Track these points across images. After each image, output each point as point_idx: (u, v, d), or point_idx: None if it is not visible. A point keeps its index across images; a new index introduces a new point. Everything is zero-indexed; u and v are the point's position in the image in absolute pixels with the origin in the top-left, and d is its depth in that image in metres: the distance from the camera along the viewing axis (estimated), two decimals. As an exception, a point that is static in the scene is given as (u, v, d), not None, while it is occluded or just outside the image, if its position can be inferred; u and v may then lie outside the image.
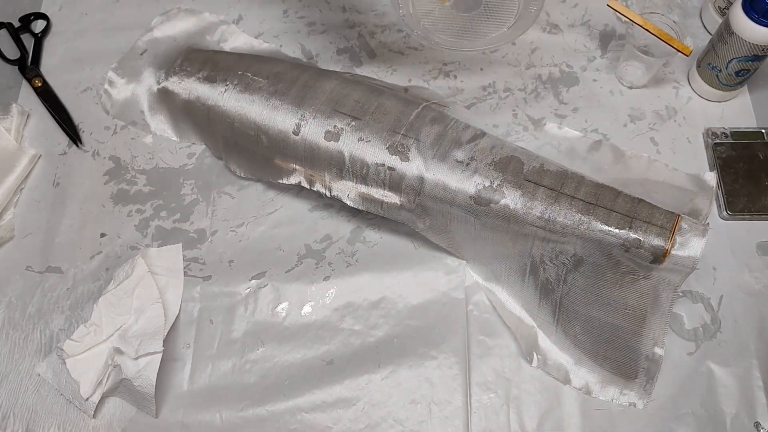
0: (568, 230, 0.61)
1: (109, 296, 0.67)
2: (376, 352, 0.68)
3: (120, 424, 0.65)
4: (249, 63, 0.74)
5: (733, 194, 0.74)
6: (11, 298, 0.71)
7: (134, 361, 0.64)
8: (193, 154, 0.79)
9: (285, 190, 0.76)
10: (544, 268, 0.65)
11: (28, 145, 0.79)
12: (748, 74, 0.76)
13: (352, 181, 0.68)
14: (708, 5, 0.84)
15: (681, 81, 0.82)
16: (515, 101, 0.80)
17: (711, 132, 0.78)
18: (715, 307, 0.69)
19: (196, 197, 0.76)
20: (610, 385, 0.66)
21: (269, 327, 0.69)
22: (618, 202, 0.61)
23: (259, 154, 0.72)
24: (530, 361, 0.67)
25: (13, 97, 0.82)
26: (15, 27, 0.86)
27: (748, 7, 0.70)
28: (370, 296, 0.70)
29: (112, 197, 0.76)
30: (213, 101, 0.73)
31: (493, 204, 0.64)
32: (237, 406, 0.66)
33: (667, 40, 0.75)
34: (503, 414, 0.65)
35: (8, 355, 0.68)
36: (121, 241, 0.74)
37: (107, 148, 0.79)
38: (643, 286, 0.62)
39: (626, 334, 0.64)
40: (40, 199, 0.76)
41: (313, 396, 0.66)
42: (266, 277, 0.71)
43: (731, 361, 0.67)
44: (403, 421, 0.65)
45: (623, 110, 0.80)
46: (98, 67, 0.83)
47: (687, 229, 0.59)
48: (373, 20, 0.86)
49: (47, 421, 0.65)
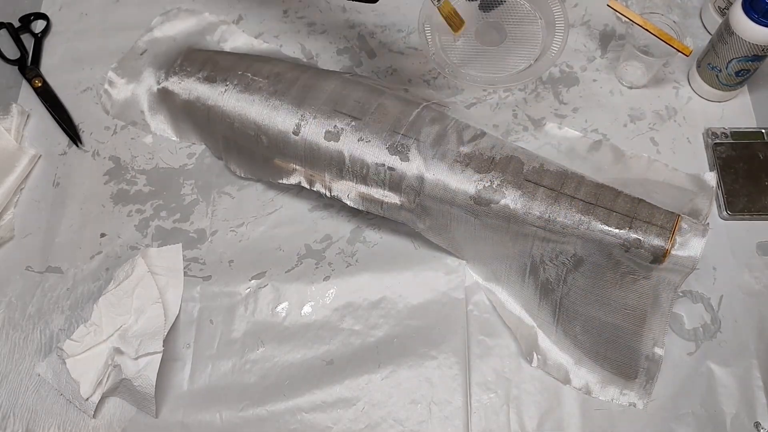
0: (568, 230, 0.61)
1: (109, 296, 0.67)
2: (376, 352, 0.68)
3: (120, 424, 0.65)
4: (249, 63, 0.74)
5: (733, 194, 0.74)
6: (11, 298, 0.71)
7: (134, 361, 0.64)
8: (193, 154, 0.79)
9: (285, 190, 0.76)
10: (544, 268, 0.65)
11: (28, 145, 0.79)
12: (748, 74, 0.76)
13: (352, 181, 0.68)
14: (708, 5, 0.84)
15: (681, 81, 0.82)
16: (515, 101, 0.80)
17: (711, 132, 0.78)
18: (715, 307, 0.69)
19: (196, 197, 0.76)
20: (610, 385, 0.66)
21: (269, 327, 0.69)
22: (618, 202, 0.61)
23: (259, 154, 0.72)
24: (530, 361, 0.67)
25: (13, 97, 0.82)
26: (15, 27, 0.86)
27: (748, 7, 0.70)
28: (370, 296, 0.70)
29: (112, 197, 0.76)
30: (213, 101, 0.73)
31: (493, 204, 0.64)
32: (237, 406, 0.66)
33: (667, 40, 0.75)
34: (503, 414, 0.65)
35: (8, 355, 0.68)
36: (121, 241, 0.74)
37: (107, 148, 0.79)
38: (643, 286, 0.62)
39: (626, 334, 0.64)
40: (40, 199, 0.76)
41: (313, 396, 0.66)
42: (266, 277, 0.71)
43: (731, 361, 0.67)
44: (403, 421, 0.65)
45: (623, 110, 0.80)
46: (98, 67, 0.83)
47: (687, 229, 0.59)
48: (373, 20, 0.86)
49: (47, 421, 0.65)
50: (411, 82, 0.81)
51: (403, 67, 0.83)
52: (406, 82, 0.81)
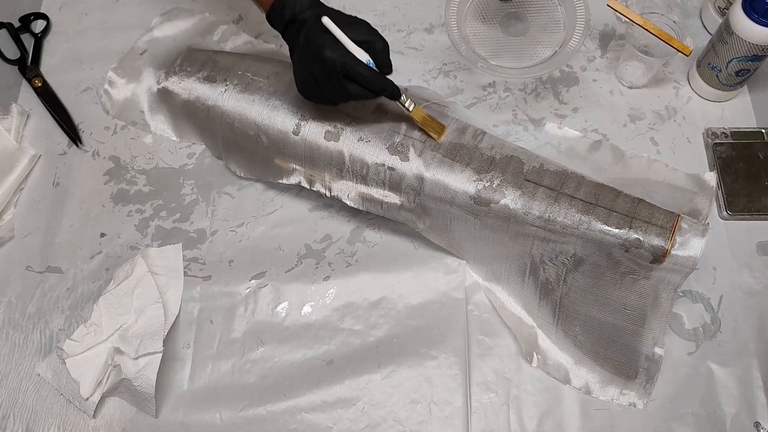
0: (568, 230, 0.61)
1: (109, 296, 0.67)
2: (376, 352, 0.68)
3: (120, 424, 0.65)
4: (249, 63, 0.74)
5: (733, 194, 0.74)
6: (11, 298, 0.71)
7: (134, 361, 0.64)
8: (193, 154, 0.79)
9: (285, 190, 0.76)
10: (544, 268, 0.65)
11: (28, 145, 0.79)
12: (748, 74, 0.76)
13: (352, 181, 0.68)
14: (708, 5, 0.84)
15: (681, 81, 0.82)
16: (515, 101, 0.80)
17: (711, 132, 0.78)
18: (715, 307, 0.69)
19: (196, 197, 0.76)
20: (610, 385, 0.66)
21: (269, 327, 0.69)
22: (618, 202, 0.61)
23: (259, 154, 0.72)
24: (530, 361, 0.67)
25: (13, 97, 0.82)
26: (15, 27, 0.86)
27: (748, 7, 0.70)
28: (370, 296, 0.70)
29: (112, 197, 0.76)
30: (213, 101, 0.73)
31: (493, 204, 0.63)
32: (237, 406, 0.66)
33: (667, 40, 0.75)
34: (503, 414, 0.65)
35: (8, 355, 0.68)
36: (121, 241, 0.73)
37: (107, 148, 0.79)
38: (643, 286, 0.62)
39: (626, 334, 0.64)
40: (40, 199, 0.76)
41: (313, 396, 0.66)
42: (266, 277, 0.71)
43: (731, 361, 0.67)
44: (403, 421, 0.65)
45: (623, 110, 0.80)
46: (98, 67, 0.83)
47: (687, 229, 0.59)
48: (373, 20, 0.86)
49: (47, 421, 0.65)
50: (411, 82, 0.81)
51: (403, 67, 0.83)
52: (406, 82, 0.81)
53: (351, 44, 0.61)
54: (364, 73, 0.61)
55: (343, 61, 0.60)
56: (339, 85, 0.61)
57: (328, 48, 0.60)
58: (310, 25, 0.61)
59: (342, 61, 0.60)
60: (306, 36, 0.61)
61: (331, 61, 0.60)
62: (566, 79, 0.82)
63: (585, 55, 0.84)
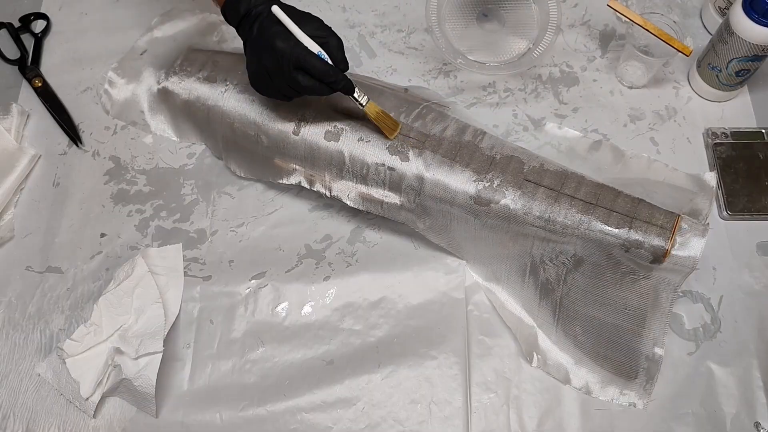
0: (568, 230, 0.61)
1: (109, 296, 0.67)
2: (376, 352, 0.68)
3: (120, 424, 0.65)
4: (249, 63, 0.74)
5: (733, 194, 0.74)
6: (11, 298, 0.71)
7: (134, 361, 0.64)
8: (193, 154, 0.79)
9: (285, 190, 0.76)
10: (544, 268, 0.65)
11: (28, 145, 0.79)
12: (748, 74, 0.76)
13: (352, 181, 0.68)
14: (708, 5, 0.84)
15: (681, 81, 0.82)
16: (515, 101, 0.80)
17: (711, 132, 0.78)
18: (715, 307, 0.69)
19: (196, 197, 0.76)
20: (610, 385, 0.66)
21: (269, 327, 0.69)
22: (618, 202, 0.61)
23: (259, 154, 0.72)
24: (530, 361, 0.67)
25: (13, 97, 0.82)
26: (15, 27, 0.86)
27: (748, 7, 0.70)
28: (370, 296, 0.70)
29: (112, 197, 0.76)
30: (213, 101, 0.73)
31: (493, 204, 0.64)
32: (237, 406, 0.66)
33: (667, 40, 0.75)
34: (503, 414, 0.65)
35: (8, 355, 0.68)
36: (121, 241, 0.73)
37: (107, 148, 0.79)
38: (643, 286, 0.62)
39: (626, 334, 0.64)
40: (40, 199, 0.76)
41: (313, 396, 0.66)
42: (266, 277, 0.71)
43: (731, 361, 0.67)
44: (403, 421, 0.65)
45: (623, 110, 0.80)
46: (98, 67, 0.83)
47: (687, 229, 0.59)
48: (373, 20, 0.86)
49: (47, 421, 0.65)
50: (411, 82, 0.81)
51: (403, 67, 0.83)
52: (406, 82, 0.81)
53: (303, 35, 0.60)
54: (315, 64, 0.60)
55: (295, 51, 0.59)
56: (290, 77, 0.60)
57: (280, 39, 0.60)
58: (263, 18, 0.61)
59: (293, 52, 0.59)
60: (259, 28, 0.61)
61: (282, 51, 0.59)
62: (566, 79, 0.82)
63: (585, 55, 0.84)
